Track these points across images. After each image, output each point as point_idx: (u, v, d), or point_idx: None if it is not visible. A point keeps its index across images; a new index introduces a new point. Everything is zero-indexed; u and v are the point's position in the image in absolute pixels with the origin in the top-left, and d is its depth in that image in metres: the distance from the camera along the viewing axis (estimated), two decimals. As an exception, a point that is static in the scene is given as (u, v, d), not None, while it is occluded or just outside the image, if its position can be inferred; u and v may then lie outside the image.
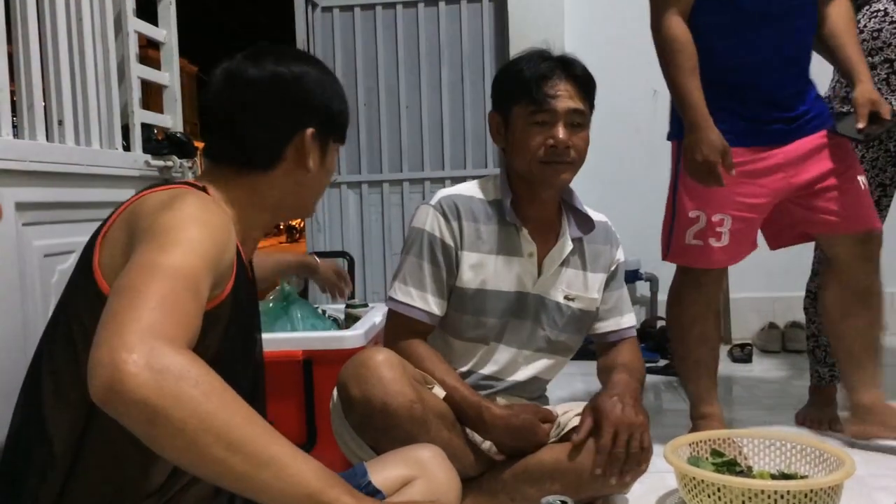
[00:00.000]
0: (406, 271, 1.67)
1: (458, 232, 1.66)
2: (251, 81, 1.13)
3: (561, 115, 1.60)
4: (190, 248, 0.90)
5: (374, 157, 4.04)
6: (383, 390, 1.44)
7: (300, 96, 1.15)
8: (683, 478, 1.59)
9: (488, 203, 1.70)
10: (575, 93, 1.62)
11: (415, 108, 3.99)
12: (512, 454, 1.61)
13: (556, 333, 1.73)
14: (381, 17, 3.98)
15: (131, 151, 2.11)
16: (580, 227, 1.74)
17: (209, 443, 0.76)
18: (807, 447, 1.72)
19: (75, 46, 1.83)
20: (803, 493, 1.45)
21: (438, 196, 1.70)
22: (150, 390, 0.74)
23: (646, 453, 1.54)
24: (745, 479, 1.57)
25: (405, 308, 1.66)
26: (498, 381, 1.73)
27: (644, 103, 3.63)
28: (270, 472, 0.78)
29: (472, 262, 1.66)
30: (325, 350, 1.85)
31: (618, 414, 1.53)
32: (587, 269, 1.75)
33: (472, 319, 1.68)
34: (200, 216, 0.97)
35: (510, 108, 1.65)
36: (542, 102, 1.59)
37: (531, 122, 1.61)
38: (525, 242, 1.69)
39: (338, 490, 0.82)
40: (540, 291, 1.71)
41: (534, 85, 1.60)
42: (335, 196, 4.05)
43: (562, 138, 1.59)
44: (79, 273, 1.04)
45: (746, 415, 2.49)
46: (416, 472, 1.21)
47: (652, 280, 3.62)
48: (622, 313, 1.80)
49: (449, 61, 3.93)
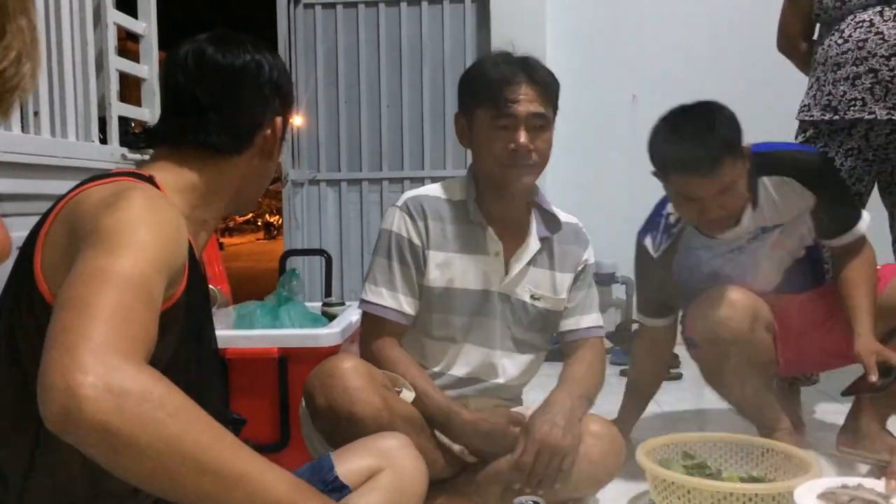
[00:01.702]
0: (376, 272, 1.68)
1: (425, 231, 1.68)
2: (227, 67, 1.12)
3: (522, 120, 1.61)
4: (140, 252, 0.84)
5: (354, 155, 4.03)
6: (349, 400, 1.45)
7: (273, 84, 1.16)
8: (655, 480, 1.61)
9: (454, 203, 1.71)
10: (536, 96, 1.62)
11: (395, 107, 3.98)
12: (484, 457, 1.62)
13: (522, 332, 1.74)
14: (364, 14, 3.97)
15: (108, 144, 2.09)
16: (547, 226, 1.75)
17: (177, 466, 0.72)
18: (775, 451, 1.74)
19: (53, 37, 1.82)
20: (771, 495, 1.48)
21: (404, 197, 1.72)
22: (110, 415, 0.69)
23: (563, 475, 1.55)
24: (715, 482, 1.59)
25: (377, 309, 1.67)
26: (472, 382, 1.73)
27: (623, 108, 3.65)
28: (242, 491, 0.76)
29: (439, 261, 1.68)
30: (300, 348, 1.85)
31: (544, 435, 1.54)
32: (555, 268, 1.77)
33: (440, 318, 1.69)
34: (149, 216, 0.90)
35: (474, 111, 1.66)
36: (503, 107, 1.60)
37: (493, 125, 1.62)
38: (491, 241, 1.70)
39: (312, 502, 0.81)
40: (506, 290, 1.72)
41: (496, 89, 1.61)
42: (314, 194, 4.04)
43: (523, 143, 1.60)
44: (19, 275, 0.96)
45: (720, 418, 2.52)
46: (383, 462, 1.21)
47: (628, 283, 3.64)
48: (584, 313, 1.81)
49: (430, 61, 3.93)
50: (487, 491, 1.61)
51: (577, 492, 1.62)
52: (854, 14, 2.25)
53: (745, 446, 1.79)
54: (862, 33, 2.23)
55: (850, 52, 2.23)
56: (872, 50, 2.21)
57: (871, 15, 2.22)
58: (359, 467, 1.18)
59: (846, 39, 2.25)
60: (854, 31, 2.24)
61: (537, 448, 1.53)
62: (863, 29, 2.23)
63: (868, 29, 2.22)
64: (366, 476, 1.18)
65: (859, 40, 2.23)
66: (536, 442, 1.53)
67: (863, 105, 2.23)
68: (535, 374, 1.84)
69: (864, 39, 2.22)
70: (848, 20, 2.26)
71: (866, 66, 2.22)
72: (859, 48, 2.23)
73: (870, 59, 2.22)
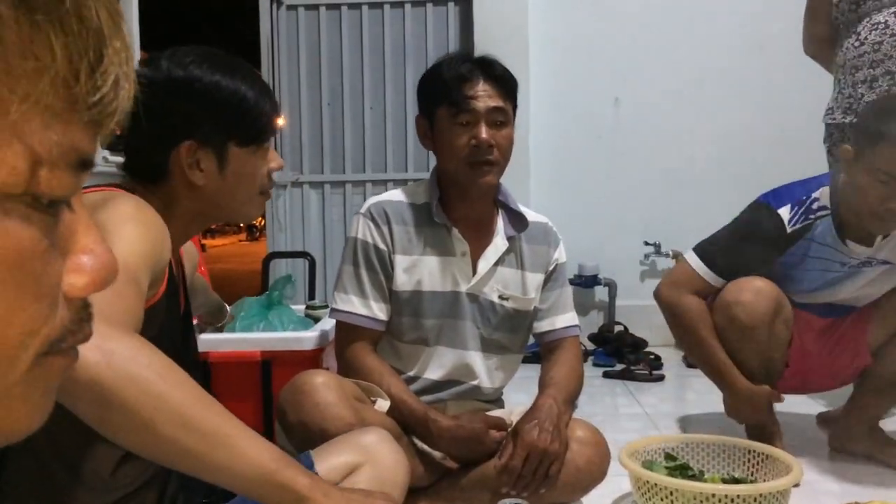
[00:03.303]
0: (345, 281, 1.69)
1: (389, 236, 1.68)
2: (143, 86, 1.06)
3: (482, 115, 1.62)
4: (128, 244, 0.88)
5: (338, 157, 4.02)
6: (320, 416, 1.44)
7: (179, 105, 1.09)
8: (637, 481, 1.62)
9: (418, 206, 1.72)
10: (495, 92, 1.63)
11: (379, 110, 3.98)
12: (465, 463, 1.63)
13: (491, 332, 1.74)
14: (347, 16, 3.97)
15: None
16: (514, 225, 1.76)
17: (163, 422, 0.75)
18: (757, 452, 1.76)
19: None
20: (752, 496, 1.49)
21: (367, 203, 1.73)
22: (101, 370, 0.73)
23: (550, 480, 1.56)
24: (697, 483, 1.60)
25: (348, 317, 1.67)
26: (449, 386, 1.74)
27: (606, 110, 3.67)
28: (225, 452, 0.78)
29: (406, 264, 1.68)
30: (283, 351, 1.85)
31: (533, 439, 1.54)
32: (525, 268, 1.77)
33: (411, 321, 1.70)
34: (137, 215, 0.95)
35: (434, 110, 1.67)
36: (462, 103, 1.61)
37: (454, 123, 1.63)
38: (457, 242, 1.71)
39: (293, 470, 0.82)
40: (474, 290, 1.72)
41: (454, 87, 1.62)
42: (297, 196, 4.03)
43: (484, 137, 1.61)
44: None
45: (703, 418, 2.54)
46: (362, 457, 1.20)
47: (610, 285, 3.66)
48: (559, 313, 1.81)
49: (414, 63, 3.93)
50: (473, 495, 1.61)
51: (562, 497, 1.62)
52: (870, 16, 2.26)
53: (728, 448, 1.81)
54: (877, 35, 2.24)
55: (866, 55, 2.25)
56: (889, 52, 2.23)
57: (887, 16, 2.24)
58: (339, 464, 1.18)
59: (862, 42, 2.27)
60: (870, 33, 2.26)
61: (526, 452, 1.53)
62: (878, 31, 2.24)
63: (883, 31, 2.24)
64: (345, 472, 1.18)
65: (875, 43, 2.24)
66: (526, 446, 1.54)
67: None
68: (512, 374, 1.84)
69: (880, 42, 2.24)
70: (864, 23, 2.28)
71: (883, 69, 2.24)
72: (875, 51, 2.24)
73: (886, 62, 2.23)
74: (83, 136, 0.36)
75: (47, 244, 0.36)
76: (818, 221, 1.90)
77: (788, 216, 1.90)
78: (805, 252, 1.94)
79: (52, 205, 0.36)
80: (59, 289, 0.37)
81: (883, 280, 2.00)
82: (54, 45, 0.33)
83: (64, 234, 0.38)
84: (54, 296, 0.37)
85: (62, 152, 0.35)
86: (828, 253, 1.93)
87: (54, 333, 0.37)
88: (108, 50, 0.35)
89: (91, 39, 0.35)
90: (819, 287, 2.00)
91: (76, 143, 0.35)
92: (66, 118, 0.35)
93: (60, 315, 0.38)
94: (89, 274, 0.39)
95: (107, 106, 0.36)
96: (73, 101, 0.35)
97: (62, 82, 0.34)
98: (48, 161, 0.34)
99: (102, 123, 0.37)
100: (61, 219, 0.37)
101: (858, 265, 1.94)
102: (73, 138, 0.35)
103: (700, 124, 3.63)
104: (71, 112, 0.35)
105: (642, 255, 3.72)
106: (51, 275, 0.37)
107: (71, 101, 0.34)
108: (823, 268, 1.96)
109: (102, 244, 0.39)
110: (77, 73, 0.34)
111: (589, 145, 3.68)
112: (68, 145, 0.35)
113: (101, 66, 0.35)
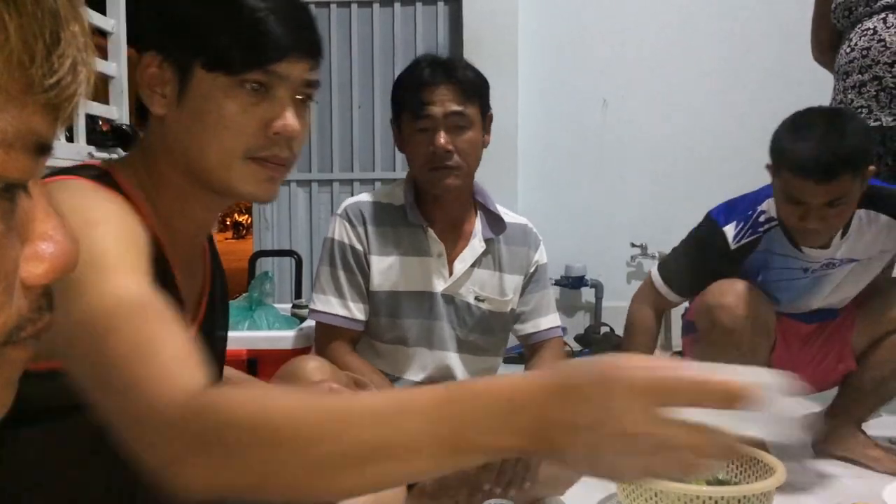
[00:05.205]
0: (323, 282, 1.69)
1: (365, 237, 1.69)
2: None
3: (440, 120, 1.61)
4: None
5: (325, 155, 4.01)
6: None
7: (146, 12, 0.92)
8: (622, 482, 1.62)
9: (395, 207, 1.72)
10: (455, 95, 1.62)
11: (367, 108, 3.97)
12: None
13: (466, 333, 1.74)
14: (336, 15, 3.95)
15: (75, 142, 2.06)
16: (492, 227, 1.76)
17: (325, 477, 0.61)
18: (741, 454, 1.76)
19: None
20: (736, 498, 1.49)
21: (344, 204, 1.73)
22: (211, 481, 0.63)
23: (532, 475, 1.54)
24: (682, 485, 1.60)
25: (327, 317, 1.68)
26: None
27: (594, 112, 3.68)
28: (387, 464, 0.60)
29: (382, 265, 1.69)
30: (269, 349, 1.84)
31: None
32: (503, 270, 1.77)
33: (389, 321, 1.70)
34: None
35: (400, 115, 1.68)
36: (420, 109, 1.61)
37: (415, 129, 1.64)
38: (433, 243, 1.71)
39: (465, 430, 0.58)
40: (450, 291, 1.72)
41: (414, 92, 1.62)
42: (284, 194, 4.01)
43: (441, 143, 1.61)
44: None
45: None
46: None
47: (597, 286, 3.67)
48: (542, 315, 1.81)
49: (403, 62, 3.88)
50: (456, 492, 1.61)
51: (545, 490, 1.62)
52: (861, 22, 2.29)
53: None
54: (866, 41, 2.26)
55: (855, 61, 2.27)
56: (876, 58, 2.24)
57: (875, 22, 2.25)
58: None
59: (852, 48, 2.28)
60: (859, 39, 2.28)
61: None
62: (867, 37, 2.26)
63: (871, 37, 2.25)
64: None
65: (863, 48, 2.26)
66: None
67: (869, 112, 2.26)
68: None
69: (868, 48, 2.25)
70: (856, 29, 2.30)
71: (871, 74, 2.25)
72: (863, 56, 2.26)
73: (874, 67, 2.25)
74: (40, 119, 0.35)
75: (3, 229, 0.35)
76: (766, 234, 1.91)
77: (733, 232, 1.91)
78: (765, 264, 1.94)
79: (8, 188, 0.35)
80: (15, 276, 0.37)
81: (856, 278, 2.00)
82: (8, 25, 0.33)
83: (22, 221, 0.37)
84: (10, 283, 0.36)
85: (18, 134, 0.34)
86: (788, 262, 1.94)
87: (11, 322, 0.37)
88: (65, 33, 0.35)
89: (47, 21, 0.34)
90: (793, 298, 2.01)
91: (33, 126, 0.35)
92: (22, 100, 0.34)
93: (17, 304, 0.37)
94: (48, 261, 0.38)
95: (64, 89, 0.36)
96: (28, 83, 0.34)
97: (17, 63, 0.33)
98: (3, 142, 0.34)
99: (61, 107, 0.36)
100: (18, 204, 0.37)
101: (822, 268, 1.95)
102: (30, 120, 0.35)
103: (687, 126, 3.64)
104: (26, 94, 0.34)
105: (629, 256, 3.72)
106: (6, 261, 0.36)
107: (27, 83, 0.34)
108: (788, 276, 1.96)
109: (62, 231, 0.38)
110: (33, 54, 0.34)
111: (577, 146, 3.69)
112: (24, 128, 0.35)
113: (57, 48, 0.35)
